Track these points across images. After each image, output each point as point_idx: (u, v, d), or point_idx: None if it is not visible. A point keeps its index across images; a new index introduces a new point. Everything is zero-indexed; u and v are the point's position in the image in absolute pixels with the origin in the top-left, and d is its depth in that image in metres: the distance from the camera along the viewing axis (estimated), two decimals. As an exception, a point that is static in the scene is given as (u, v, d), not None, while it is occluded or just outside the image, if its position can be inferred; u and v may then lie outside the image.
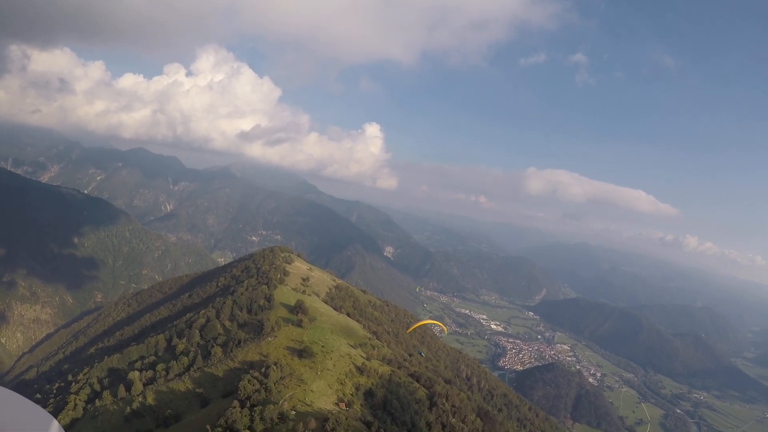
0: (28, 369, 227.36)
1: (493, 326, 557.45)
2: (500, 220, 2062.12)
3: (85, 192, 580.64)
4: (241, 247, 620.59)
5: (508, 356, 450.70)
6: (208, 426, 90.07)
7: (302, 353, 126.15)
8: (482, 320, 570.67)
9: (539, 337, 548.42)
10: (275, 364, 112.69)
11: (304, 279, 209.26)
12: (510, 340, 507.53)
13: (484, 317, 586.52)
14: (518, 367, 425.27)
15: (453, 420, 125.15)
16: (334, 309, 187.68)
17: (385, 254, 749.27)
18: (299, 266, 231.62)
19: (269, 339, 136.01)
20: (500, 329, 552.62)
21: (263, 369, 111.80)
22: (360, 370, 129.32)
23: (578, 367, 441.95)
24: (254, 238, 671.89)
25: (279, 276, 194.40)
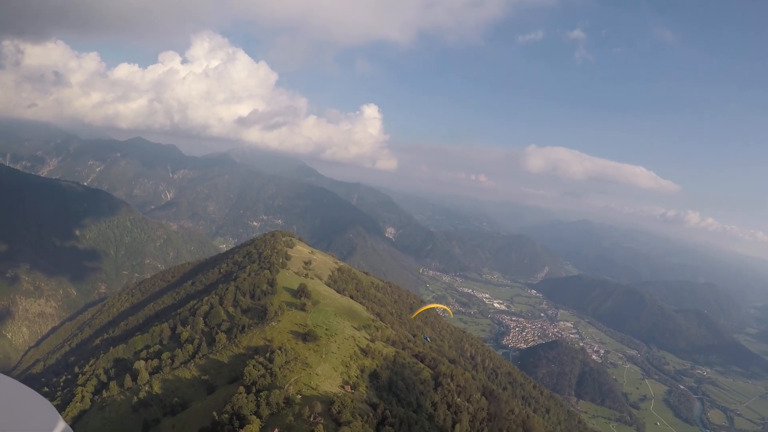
0: (35, 363, 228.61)
1: (496, 305, 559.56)
2: (501, 199, 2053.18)
3: (85, 184, 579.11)
4: (243, 233, 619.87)
5: (512, 334, 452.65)
6: (215, 413, 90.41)
7: (306, 337, 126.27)
8: (485, 299, 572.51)
9: (542, 315, 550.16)
10: (280, 349, 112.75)
11: (306, 262, 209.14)
12: (513, 319, 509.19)
13: (487, 296, 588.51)
14: (522, 346, 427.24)
15: (458, 399, 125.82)
16: (337, 291, 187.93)
17: (387, 235, 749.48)
18: (301, 250, 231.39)
19: (273, 324, 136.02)
20: (503, 308, 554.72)
21: (268, 354, 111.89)
22: (364, 352, 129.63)
23: (581, 345, 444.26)
24: (255, 224, 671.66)
25: (281, 260, 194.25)
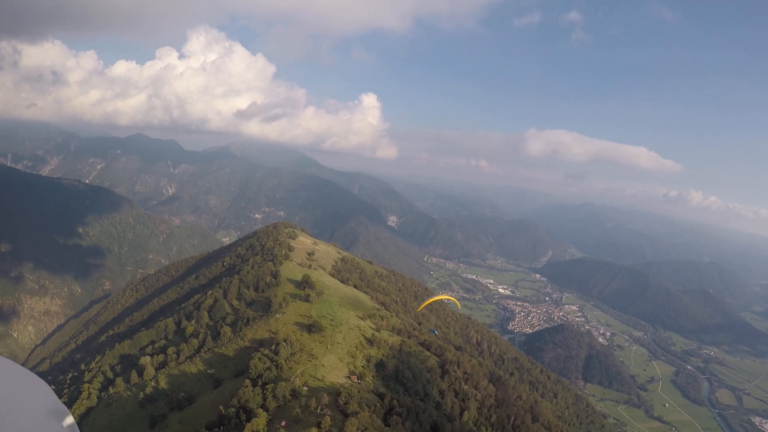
0: (42, 361, 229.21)
1: (501, 290, 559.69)
2: (502, 184, 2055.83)
3: (86, 182, 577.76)
4: (245, 226, 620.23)
5: (517, 320, 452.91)
6: (221, 407, 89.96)
7: (311, 328, 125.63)
8: (489, 285, 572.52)
9: (547, 299, 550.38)
10: (285, 341, 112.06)
11: (310, 253, 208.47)
12: (518, 304, 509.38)
13: (491, 282, 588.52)
14: (528, 330, 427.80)
15: (466, 387, 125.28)
16: (341, 281, 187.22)
17: (389, 224, 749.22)
18: (304, 241, 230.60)
19: (278, 316, 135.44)
20: (508, 293, 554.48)
21: (273, 346, 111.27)
22: (370, 342, 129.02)
23: (587, 328, 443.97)
24: (257, 216, 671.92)
25: (284, 252, 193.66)
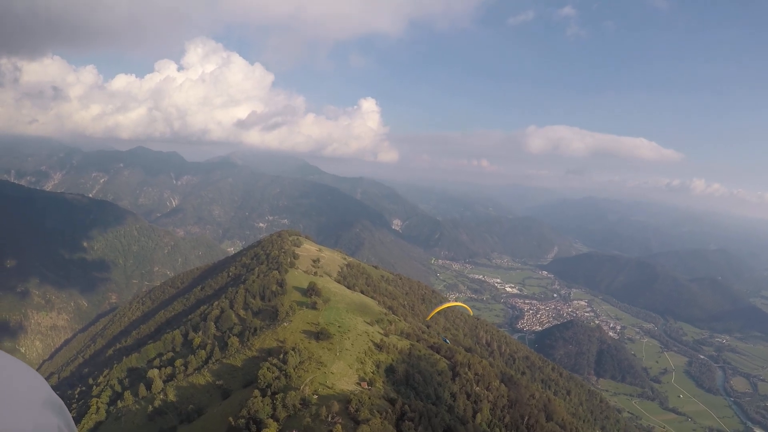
0: (50, 376, 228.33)
1: (508, 289, 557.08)
2: (504, 183, 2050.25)
3: (90, 196, 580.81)
4: (250, 235, 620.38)
5: (526, 318, 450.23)
6: (231, 418, 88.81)
7: (319, 335, 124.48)
8: (496, 284, 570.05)
9: (555, 296, 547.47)
10: (293, 349, 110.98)
11: (315, 260, 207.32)
12: (526, 302, 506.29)
13: (498, 281, 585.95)
14: (537, 328, 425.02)
15: (477, 388, 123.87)
16: (348, 287, 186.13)
17: (394, 227, 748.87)
18: (309, 248, 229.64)
19: (285, 324, 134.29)
20: (515, 291, 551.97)
21: (281, 355, 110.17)
22: (379, 347, 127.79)
23: (597, 322, 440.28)
24: (261, 225, 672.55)
25: (289, 260, 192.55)
